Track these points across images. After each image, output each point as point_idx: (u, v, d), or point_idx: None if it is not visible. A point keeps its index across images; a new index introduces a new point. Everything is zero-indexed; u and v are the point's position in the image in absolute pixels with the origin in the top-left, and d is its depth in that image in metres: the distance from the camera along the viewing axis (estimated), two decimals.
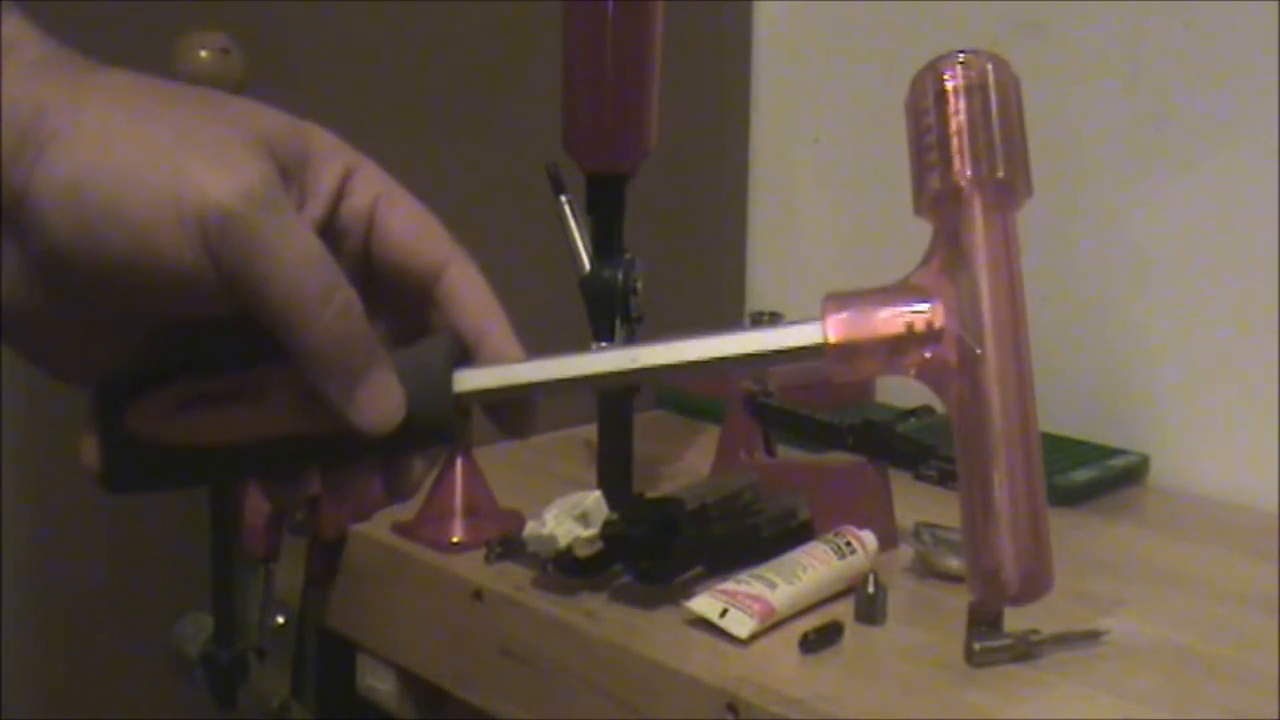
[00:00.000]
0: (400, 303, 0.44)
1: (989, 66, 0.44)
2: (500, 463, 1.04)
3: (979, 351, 0.41)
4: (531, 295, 1.17)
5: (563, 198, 0.93)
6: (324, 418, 0.40)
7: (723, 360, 0.42)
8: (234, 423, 0.41)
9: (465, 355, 0.43)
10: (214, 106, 0.40)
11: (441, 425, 0.42)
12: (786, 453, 1.04)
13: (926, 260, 0.43)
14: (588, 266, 0.92)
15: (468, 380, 0.42)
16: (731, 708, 0.71)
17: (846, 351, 0.41)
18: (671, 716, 0.75)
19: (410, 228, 0.43)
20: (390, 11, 1.09)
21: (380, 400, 0.40)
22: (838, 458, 0.96)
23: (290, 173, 0.40)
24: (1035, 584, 0.42)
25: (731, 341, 0.42)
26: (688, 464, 1.12)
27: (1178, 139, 1.10)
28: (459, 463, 0.94)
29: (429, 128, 1.13)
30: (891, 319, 0.41)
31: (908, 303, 0.41)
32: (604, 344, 0.43)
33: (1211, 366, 1.09)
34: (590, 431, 0.98)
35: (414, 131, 1.12)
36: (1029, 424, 0.42)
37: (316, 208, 0.41)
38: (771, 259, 1.40)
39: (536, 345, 0.44)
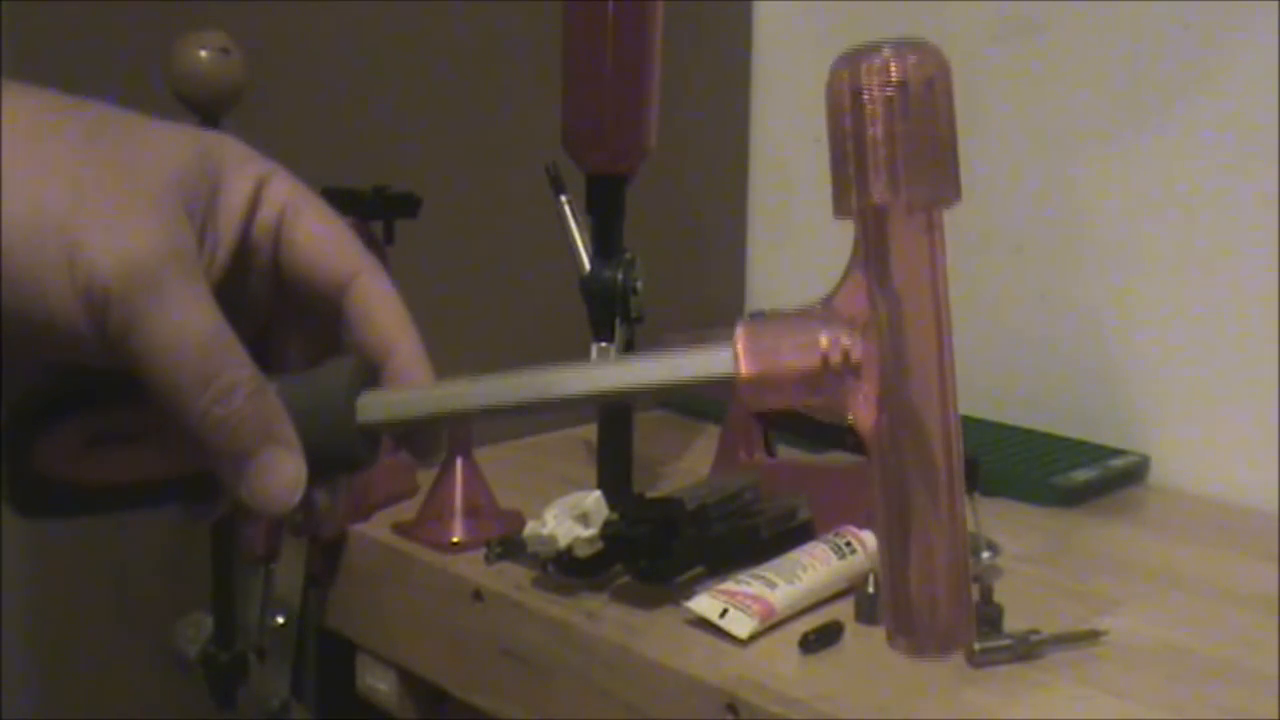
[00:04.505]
0: (314, 316, 0.43)
1: (912, 61, 0.40)
2: (500, 463, 1.04)
3: (899, 385, 0.39)
4: (531, 295, 1.18)
5: (563, 198, 0.93)
6: None
7: (636, 389, 0.40)
8: (139, 462, 0.41)
9: (372, 376, 0.42)
10: (119, 145, 0.38)
11: (344, 457, 0.41)
12: (786, 453, 1.04)
13: (849, 273, 0.40)
14: (588, 266, 0.92)
15: (371, 409, 0.41)
16: (731, 708, 0.71)
17: (758, 383, 0.39)
18: (671, 716, 0.75)
19: (316, 239, 0.42)
20: (390, 12, 1.09)
21: (271, 485, 0.39)
22: (838, 458, 0.96)
23: (197, 206, 0.39)
24: (953, 637, 0.40)
25: (643, 369, 0.40)
26: (688, 464, 1.12)
27: (1177, 139, 1.10)
28: (459, 463, 0.94)
29: (429, 128, 1.13)
30: (807, 349, 0.39)
31: (825, 330, 0.39)
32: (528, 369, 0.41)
33: (1211, 366, 1.09)
34: (590, 431, 0.98)
35: (414, 132, 1.12)
36: (953, 463, 0.39)
37: (229, 233, 0.40)
38: (771, 259, 1.40)
39: (537, 345, 0.43)
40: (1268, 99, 1.03)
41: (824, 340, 0.39)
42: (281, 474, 0.39)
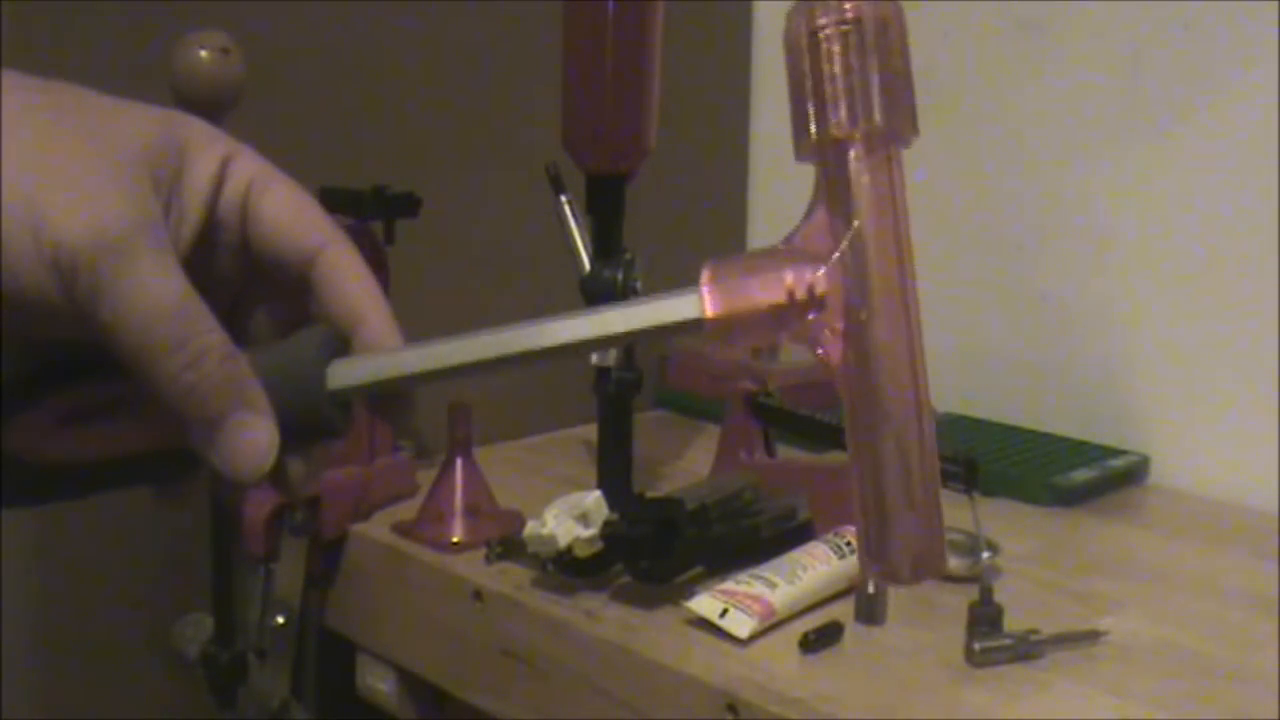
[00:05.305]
0: (282, 290, 0.43)
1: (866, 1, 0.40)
2: (500, 463, 1.05)
3: (865, 317, 0.39)
4: (531, 295, 1.18)
5: (563, 198, 0.93)
6: None
7: (604, 339, 0.40)
8: (112, 438, 0.41)
9: (343, 345, 0.42)
10: (85, 121, 0.39)
11: (318, 426, 0.41)
12: (786, 453, 1.04)
13: (810, 212, 0.41)
14: (588, 266, 0.92)
15: (342, 376, 0.41)
16: (731, 708, 0.71)
17: (725, 323, 0.39)
18: (671, 716, 0.75)
19: (283, 212, 0.42)
20: (390, 12, 1.09)
21: (242, 450, 0.39)
22: (838, 458, 0.96)
23: (163, 181, 0.39)
24: (926, 565, 0.40)
25: (610, 319, 0.40)
26: (688, 464, 1.12)
27: (1177, 139, 1.10)
28: (459, 463, 0.94)
29: (429, 128, 1.13)
30: (773, 286, 0.39)
31: (789, 267, 0.39)
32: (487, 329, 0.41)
33: (1211, 366, 1.09)
34: (590, 431, 0.98)
35: (414, 132, 1.12)
36: (920, 392, 0.40)
37: (195, 208, 0.40)
38: None
39: None
40: (1268, 100, 1.03)
41: (789, 276, 0.39)
42: (253, 439, 0.39)
